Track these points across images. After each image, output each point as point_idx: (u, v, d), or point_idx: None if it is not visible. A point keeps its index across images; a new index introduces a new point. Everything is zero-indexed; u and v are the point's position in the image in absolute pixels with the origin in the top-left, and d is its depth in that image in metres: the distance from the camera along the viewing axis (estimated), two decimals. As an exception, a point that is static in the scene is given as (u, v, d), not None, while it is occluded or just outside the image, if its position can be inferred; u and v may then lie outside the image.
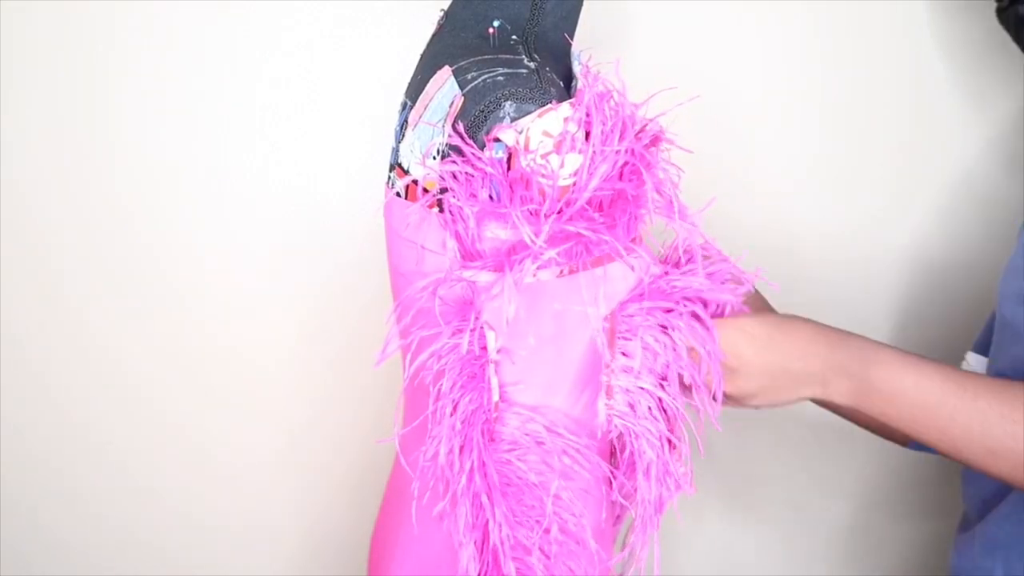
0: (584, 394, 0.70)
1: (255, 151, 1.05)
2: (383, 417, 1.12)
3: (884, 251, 1.12)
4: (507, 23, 0.69)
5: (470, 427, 0.70)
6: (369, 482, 1.14)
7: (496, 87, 0.64)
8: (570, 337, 0.69)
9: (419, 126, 0.67)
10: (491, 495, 0.70)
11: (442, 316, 0.66)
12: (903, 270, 1.12)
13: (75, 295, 1.07)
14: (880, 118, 1.07)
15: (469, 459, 0.69)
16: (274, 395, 1.13)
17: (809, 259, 1.10)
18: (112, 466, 1.12)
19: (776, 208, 1.09)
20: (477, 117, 0.64)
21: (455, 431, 0.69)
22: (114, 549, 1.15)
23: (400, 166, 0.70)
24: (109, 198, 1.04)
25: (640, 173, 0.65)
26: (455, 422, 0.69)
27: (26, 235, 1.04)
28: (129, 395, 1.10)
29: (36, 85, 1.00)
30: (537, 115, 0.63)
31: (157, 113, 1.03)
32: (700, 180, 0.73)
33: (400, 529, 0.84)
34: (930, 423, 0.67)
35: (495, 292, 0.64)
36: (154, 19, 1.00)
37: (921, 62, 1.05)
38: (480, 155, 0.63)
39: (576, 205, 0.63)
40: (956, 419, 0.65)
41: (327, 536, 1.20)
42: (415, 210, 0.67)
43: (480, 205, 0.64)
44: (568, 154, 0.63)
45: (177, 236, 1.07)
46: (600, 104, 0.63)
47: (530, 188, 0.63)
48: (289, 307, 1.11)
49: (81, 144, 1.03)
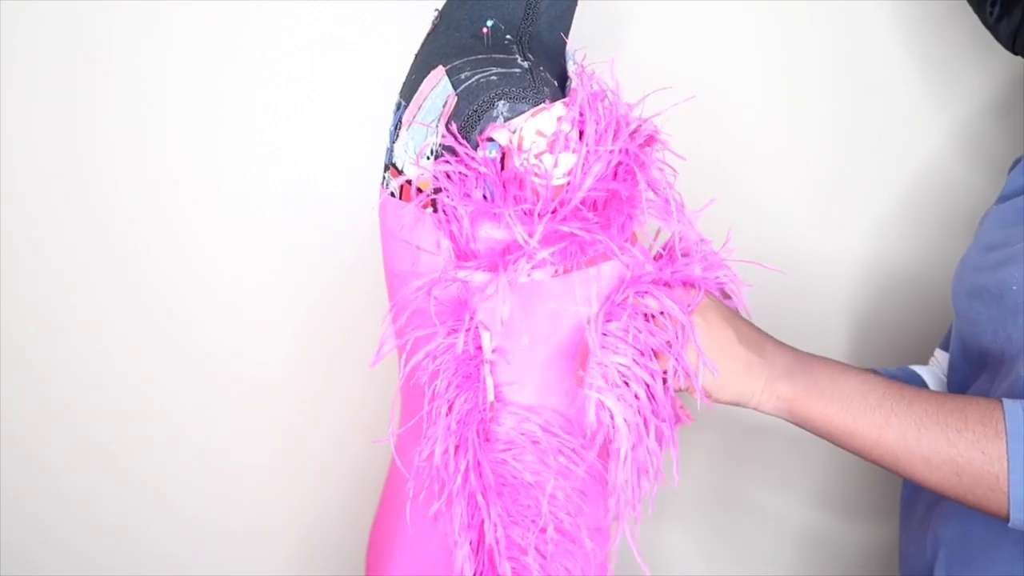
0: (579, 394, 0.70)
1: (254, 151, 1.05)
2: (380, 417, 1.12)
3: (844, 254, 1.12)
4: (501, 23, 0.69)
5: (465, 427, 0.70)
6: (367, 482, 1.15)
7: (490, 87, 0.64)
8: (565, 337, 0.69)
9: (413, 126, 0.67)
10: (486, 495, 0.70)
11: (437, 316, 0.67)
12: (861, 274, 1.12)
13: (75, 294, 1.07)
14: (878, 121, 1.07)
15: (464, 459, 0.69)
16: (272, 394, 1.13)
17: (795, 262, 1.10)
18: (111, 465, 1.12)
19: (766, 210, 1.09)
20: (471, 117, 0.64)
21: (450, 431, 0.69)
22: (113, 548, 1.15)
23: (395, 166, 0.70)
24: (108, 198, 1.05)
25: (634, 173, 0.65)
26: (450, 422, 0.69)
27: (27, 234, 1.04)
28: (127, 394, 1.10)
29: (36, 85, 1.00)
30: (530, 114, 0.63)
31: (157, 113, 1.03)
32: (693, 180, 0.73)
33: (398, 529, 0.84)
34: (867, 428, 0.66)
35: (489, 292, 0.64)
36: (154, 19, 1.00)
37: (889, 66, 1.05)
38: (474, 155, 0.63)
39: (570, 205, 0.63)
40: (891, 423, 0.65)
41: (325, 536, 1.20)
42: (409, 210, 0.67)
43: (474, 205, 0.64)
44: (562, 153, 0.63)
45: (176, 235, 1.07)
46: (594, 103, 0.63)
47: (524, 188, 0.63)
48: (287, 307, 1.11)
49: (81, 144, 1.03)
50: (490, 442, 0.70)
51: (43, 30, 0.99)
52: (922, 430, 0.64)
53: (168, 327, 1.09)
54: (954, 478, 0.63)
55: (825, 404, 0.67)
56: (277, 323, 1.11)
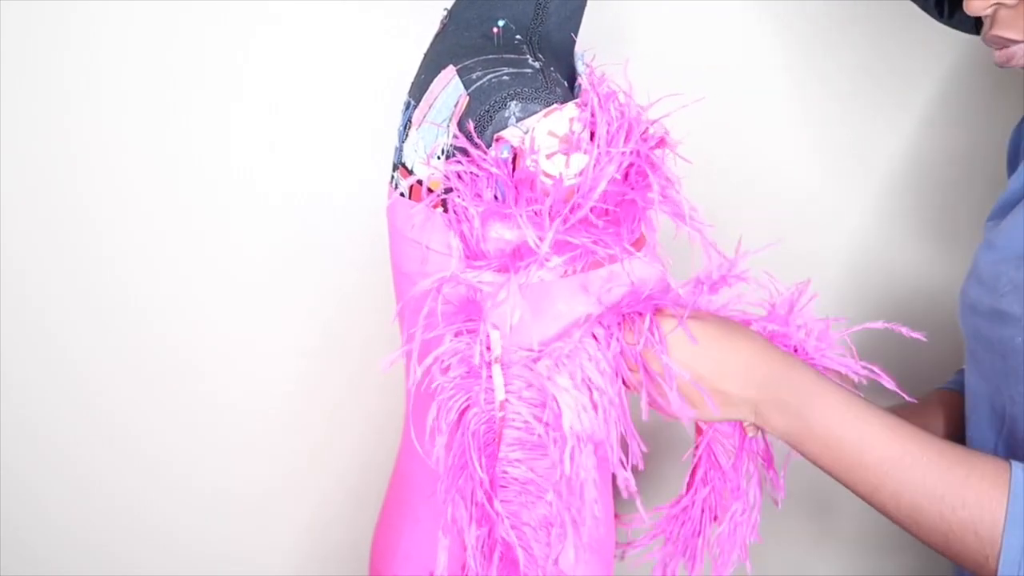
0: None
1: (259, 152, 1.05)
2: (386, 417, 1.12)
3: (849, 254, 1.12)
4: (511, 23, 0.69)
5: (476, 427, 0.69)
6: (371, 482, 1.14)
7: (501, 87, 0.63)
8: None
9: (423, 126, 0.67)
10: (495, 494, 0.69)
11: (446, 316, 0.66)
12: (870, 276, 1.12)
13: (76, 295, 1.06)
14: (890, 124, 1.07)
15: (474, 459, 0.69)
16: (275, 395, 1.13)
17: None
18: (111, 464, 1.12)
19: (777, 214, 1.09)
20: (482, 117, 0.63)
21: (461, 431, 0.69)
22: (111, 548, 1.14)
23: (404, 166, 0.70)
24: (108, 199, 1.04)
25: (646, 175, 0.65)
26: (460, 422, 0.69)
27: (24, 239, 1.04)
28: (134, 393, 1.10)
29: (35, 85, 1.00)
30: (543, 115, 0.63)
31: (157, 114, 1.02)
32: (701, 182, 0.73)
33: (402, 530, 0.84)
34: (861, 480, 0.63)
35: (501, 299, 0.64)
36: (155, 19, 1.00)
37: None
38: (486, 155, 0.63)
39: (581, 212, 0.63)
40: (887, 484, 0.62)
41: (329, 536, 1.20)
42: (420, 210, 0.67)
43: (485, 205, 0.64)
44: (574, 154, 0.63)
45: (176, 236, 1.06)
46: (605, 104, 0.63)
47: (535, 189, 0.63)
48: (292, 309, 1.11)
49: (79, 146, 1.02)
50: (500, 442, 0.70)
51: (42, 29, 0.98)
52: (916, 498, 0.61)
53: (171, 328, 1.09)
54: (942, 545, 0.61)
55: (819, 451, 0.64)
56: (281, 325, 1.11)
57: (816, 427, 0.64)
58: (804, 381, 0.65)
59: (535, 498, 0.71)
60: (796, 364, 0.66)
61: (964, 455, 0.62)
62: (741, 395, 0.66)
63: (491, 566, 0.70)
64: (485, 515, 0.69)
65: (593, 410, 0.64)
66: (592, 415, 0.64)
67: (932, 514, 0.61)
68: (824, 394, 0.65)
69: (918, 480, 0.61)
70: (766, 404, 0.65)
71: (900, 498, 0.62)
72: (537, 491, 0.70)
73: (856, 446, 0.63)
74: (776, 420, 0.65)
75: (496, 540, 0.69)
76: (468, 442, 0.68)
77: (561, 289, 0.66)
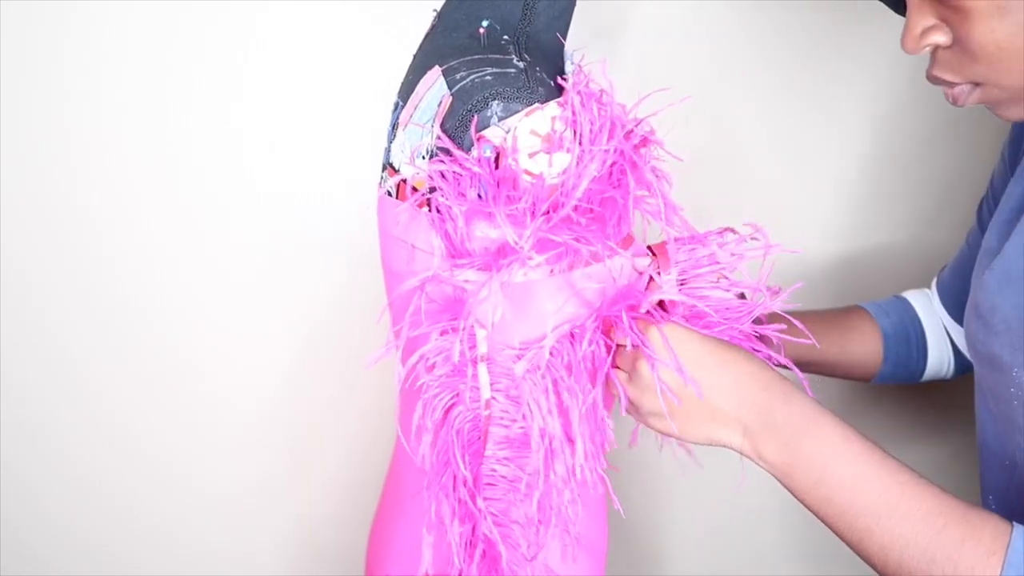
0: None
1: (250, 152, 1.05)
2: (380, 415, 1.13)
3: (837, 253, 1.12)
4: (497, 23, 0.70)
5: (461, 424, 0.70)
6: (367, 481, 1.15)
7: (484, 87, 0.64)
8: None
9: (409, 126, 0.68)
10: (479, 491, 0.70)
11: (432, 314, 0.67)
12: (859, 272, 1.12)
13: (76, 295, 1.07)
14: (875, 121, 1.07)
15: (460, 456, 0.69)
16: (276, 395, 1.13)
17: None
18: (111, 464, 1.12)
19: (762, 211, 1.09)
20: (465, 116, 0.64)
21: (446, 429, 0.69)
22: (111, 547, 1.15)
23: (391, 166, 0.71)
24: (107, 199, 1.04)
25: (628, 173, 0.65)
26: (446, 419, 0.69)
27: (24, 239, 1.04)
28: (134, 393, 1.11)
29: (35, 85, 1.00)
30: (524, 114, 0.63)
31: (157, 113, 1.03)
32: (689, 181, 0.73)
33: (397, 528, 0.84)
34: (849, 526, 0.60)
35: (482, 296, 0.64)
36: (154, 19, 1.00)
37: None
38: (467, 156, 0.63)
39: (563, 211, 0.63)
40: (875, 535, 0.58)
41: (324, 535, 1.20)
42: (404, 209, 0.67)
43: (468, 204, 0.64)
44: (556, 153, 0.63)
45: (176, 236, 1.07)
46: (587, 103, 0.63)
47: (518, 187, 0.64)
48: (293, 309, 1.11)
49: (79, 146, 1.03)
50: (486, 439, 0.70)
51: (41, 28, 0.99)
52: (905, 558, 0.58)
53: (169, 327, 1.09)
54: None
55: (808, 486, 0.61)
56: (277, 322, 1.11)
57: (809, 459, 0.61)
58: (802, 409, 0.62)
59: (522, 496, 0.71)
60: (795, 392, 0.64)
61: (962, 514, 0.57)
62: (733, 414, 0.63)
63: (472, 563, 0.70)
64: (468, 512, 0.69)
65: (562, 411, 0.64)
66: (559, 416, 0.64)
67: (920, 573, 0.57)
68: (822, 425, 0.61)
69: (909, 536, 0.57)
70: (758, 428, 0.63)
71: (888, 553, 0.58)
72: (525, 488, 0.71)
73: (849, 485, 0.59)
74: (766, 447, 0.62)
75: (479, 537, 0.70)
76: (452, 439, 0.68)
77: (546, 288, 0.67)
